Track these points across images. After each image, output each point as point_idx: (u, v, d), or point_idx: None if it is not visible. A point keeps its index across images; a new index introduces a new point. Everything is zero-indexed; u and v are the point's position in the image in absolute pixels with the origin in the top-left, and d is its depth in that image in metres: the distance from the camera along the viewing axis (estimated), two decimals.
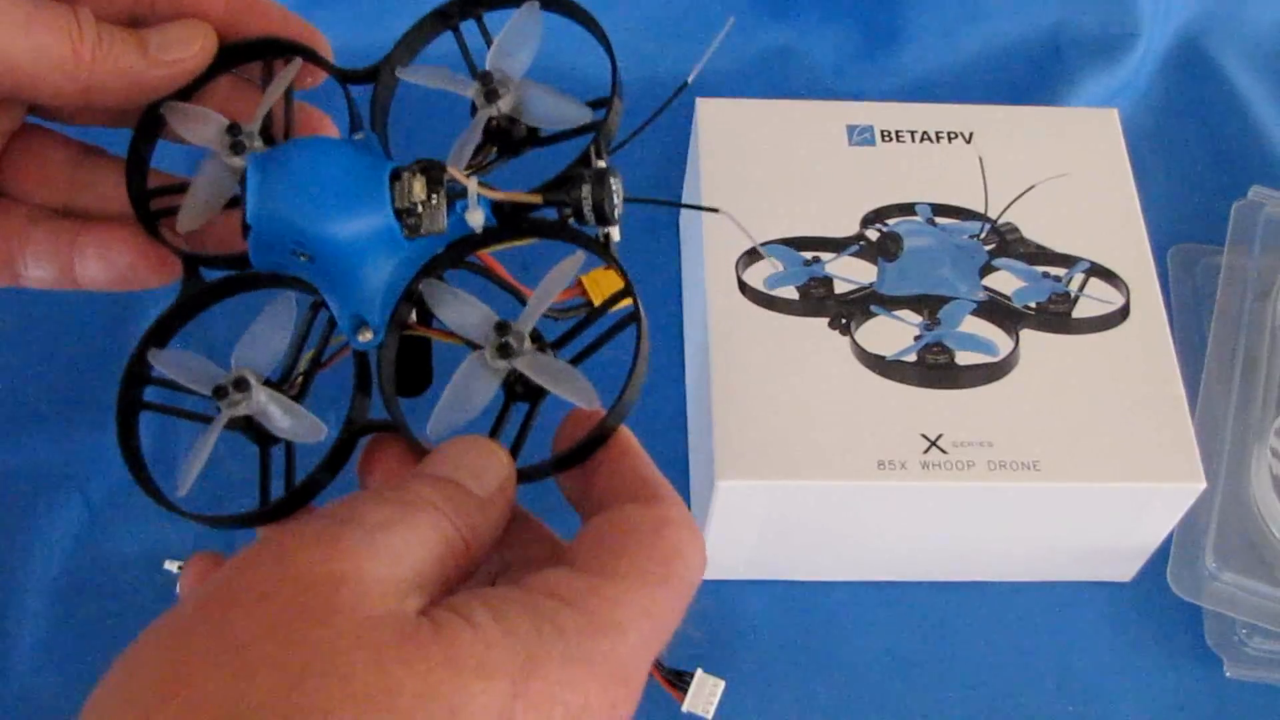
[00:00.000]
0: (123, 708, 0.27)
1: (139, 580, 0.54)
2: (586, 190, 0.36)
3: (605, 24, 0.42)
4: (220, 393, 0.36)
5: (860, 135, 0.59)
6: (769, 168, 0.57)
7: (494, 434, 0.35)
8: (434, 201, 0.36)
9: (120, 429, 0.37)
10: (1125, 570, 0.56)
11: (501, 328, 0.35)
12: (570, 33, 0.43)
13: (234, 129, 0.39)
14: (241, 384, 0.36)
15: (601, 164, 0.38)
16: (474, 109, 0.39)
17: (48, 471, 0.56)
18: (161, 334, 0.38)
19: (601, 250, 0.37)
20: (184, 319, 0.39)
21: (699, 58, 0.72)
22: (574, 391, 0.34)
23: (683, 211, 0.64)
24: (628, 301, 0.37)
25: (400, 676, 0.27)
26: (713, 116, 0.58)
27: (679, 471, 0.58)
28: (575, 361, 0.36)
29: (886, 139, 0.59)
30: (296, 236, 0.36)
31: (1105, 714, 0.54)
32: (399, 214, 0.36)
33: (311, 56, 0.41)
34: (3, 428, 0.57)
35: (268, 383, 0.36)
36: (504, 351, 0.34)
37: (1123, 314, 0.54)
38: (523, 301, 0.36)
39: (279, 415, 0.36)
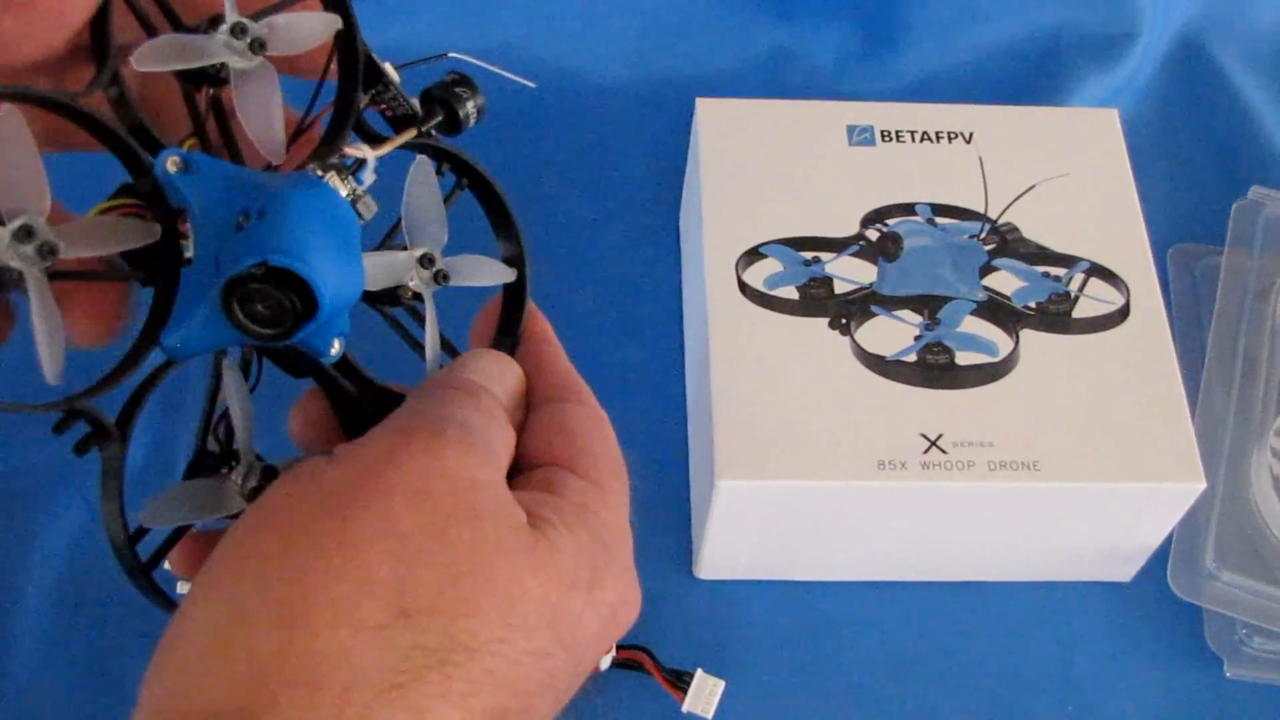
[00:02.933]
0: (287, 577, 0.28)
1: None
2: (473, 106, 0.39)
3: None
4: None
5: (860, 135, 0.59)
6: (769, 168, 0.57)
7: None
8: (358, 192, 0.35)
9: None
10: (1125, 570, 0.56)
11: (425, 260, 0.36)
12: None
13: None
14: (24, 232, 0.30)
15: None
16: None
17: (48, 471, 0.56)
18: None
19: (437, 146, 0.38)
20: None
21: (698, 57, 0.72)
22: (494, 272, 0.38)
23: (683, 212, 0.64)
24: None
25: (527, 583, 0.30)
26: (713, 116, 0.58)
27: (679, 471, 0.58)
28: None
29: (886, 139, 0.59)
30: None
31: (1105, 714, 0.54)
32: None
33: None
34: (3, 427, 0.57)
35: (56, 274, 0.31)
36: (438, 279, 0.36)
37: (1123, 314, 0.54)
38: None
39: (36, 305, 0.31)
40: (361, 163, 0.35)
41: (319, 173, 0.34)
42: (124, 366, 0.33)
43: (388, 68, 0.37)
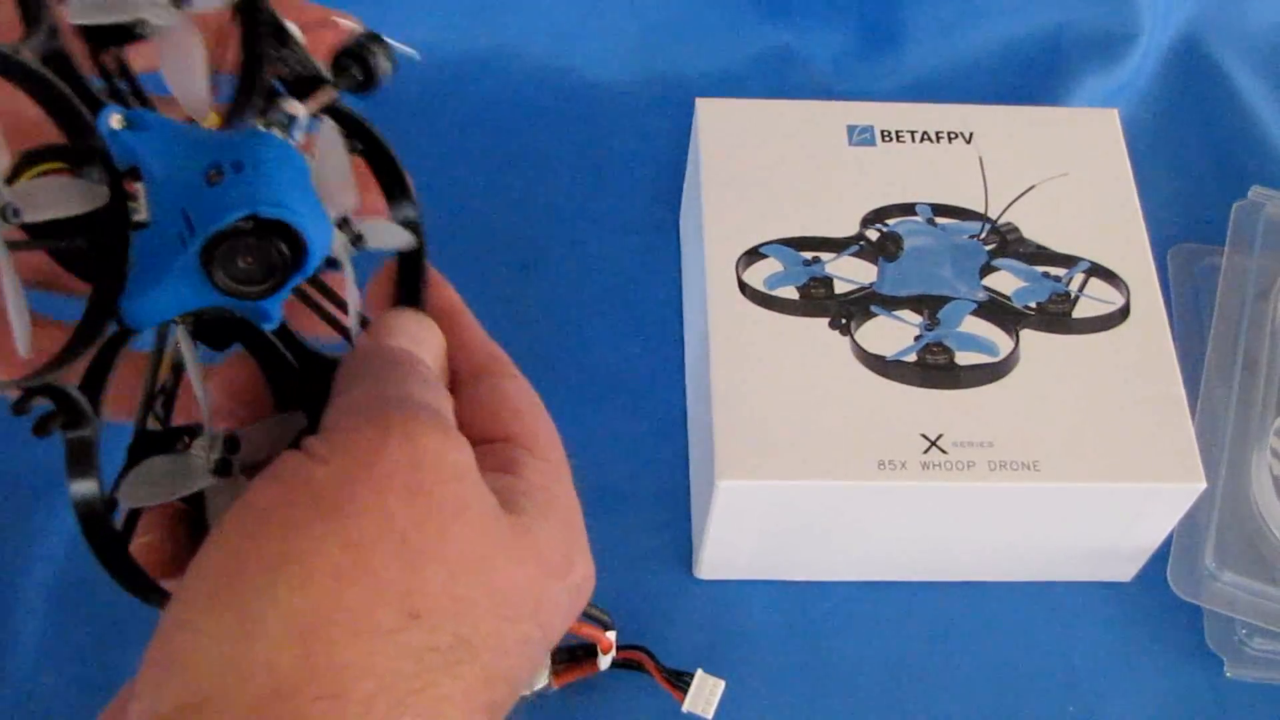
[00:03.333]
0: (295, 585, 0.27)
1: None
2: (385, 59, 0.36)
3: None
4: None
5: (860, 135, 0.59)
6: (769, 168, 0.57)
7: None
8: (296, 140, 0.34)
9: None
10: (1125, 570, 0.56)
11: (342, 224, 0.34)
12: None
13: None
14: None
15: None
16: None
17: (48, 471, 0.56)
18: None
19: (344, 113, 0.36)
20: None
21: (698, 57, 0.72)
22: (399, 237, 0.36)
23: (683, 212, 0.64)
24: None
25: (516, 575, 0.30)
26: (713, 116, 0.58)
27: (679, 471, 0.58)
28: None
29: (886, 139, 0.59)
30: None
31: (1105, 714, 0.54)
32: None
33: None
34: (3, 428, 0.57)
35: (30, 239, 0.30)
36: (355, 243, 0.34)
37: (1123, 314, 0.54)
38: None
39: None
40: (293, 119, 0.33)
41: (264, 128, 0.32)
42: (79, 340, 0.31)
43: (292, 28, 0.35)
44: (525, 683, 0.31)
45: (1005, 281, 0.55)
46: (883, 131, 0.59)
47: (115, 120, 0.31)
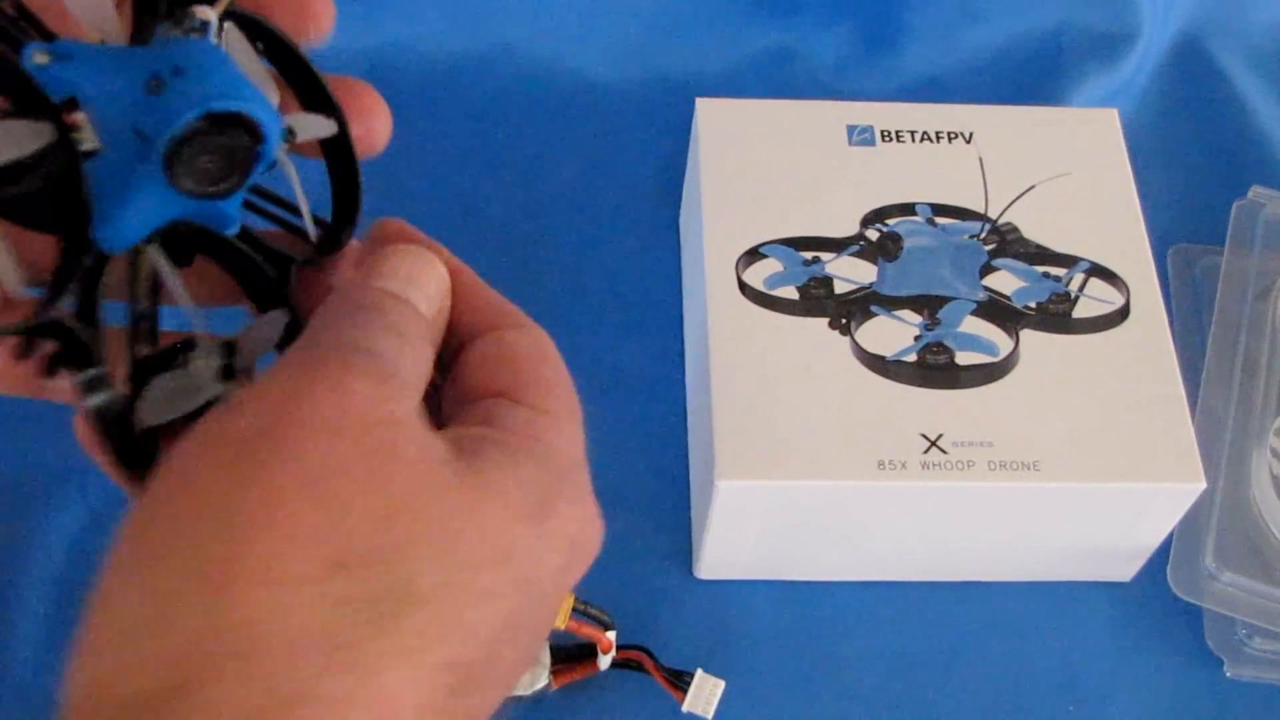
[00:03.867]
0: (207, 538, 0.26)
1: None
2: None
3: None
4: None
5: (860, 135, 0.59)
6: (769, 168, 0.57)
7: None
8: (208, 34, 0.32)
9: None
10: (1125, 570, 0.56)
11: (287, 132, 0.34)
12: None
13: None
14: None
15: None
16: None
17: (48, 471, 0.56)
18: None
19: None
20: None
21: (698, 57, 0.72)
22: (323, 125, 0.35)
23: (683, 212, 0.64)
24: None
25: (463, 520, 0.28)
26: (713, 116, 0.58)
27: (679, 471, 0.58)
28: None
29: (886, 139, 0.59)
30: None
31: (1105, 714, 0.54)
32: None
33: None
34: (3, 428, 0.57)
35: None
36: (286, 137, 0.33)
37: (1123, 314, 0.54)
38: None
39: None
40: (206, 24, 0.32)
41: (172, 30, 0.31)
42: (62, 278, 0.31)
43: None
44: (509, 647, 0.28)
45: (1005, 281, 0.55)
46: (883, 131, 0.59)
47: (39, 56, 0.30)
